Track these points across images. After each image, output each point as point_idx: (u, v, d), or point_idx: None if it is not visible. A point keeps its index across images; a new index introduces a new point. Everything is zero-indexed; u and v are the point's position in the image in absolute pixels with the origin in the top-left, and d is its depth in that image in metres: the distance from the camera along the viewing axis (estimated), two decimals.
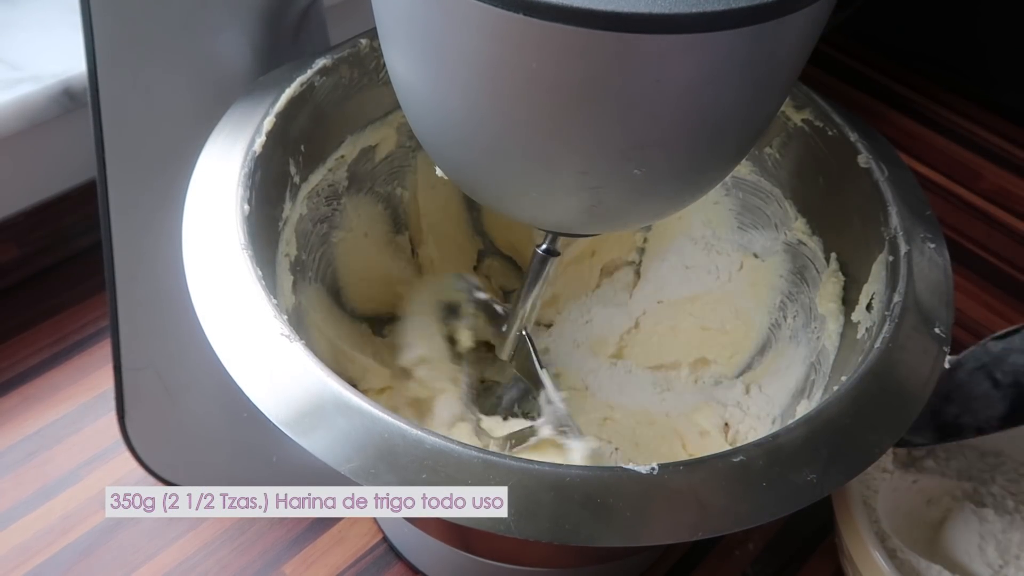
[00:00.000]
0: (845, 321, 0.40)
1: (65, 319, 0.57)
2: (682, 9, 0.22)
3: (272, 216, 0.39)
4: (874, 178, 0.38)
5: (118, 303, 0.43)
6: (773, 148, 0.44)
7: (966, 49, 0.77)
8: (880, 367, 0.32)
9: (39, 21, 0.54)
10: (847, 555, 0.43)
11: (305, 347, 0.30)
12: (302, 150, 0.40)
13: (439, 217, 0.51)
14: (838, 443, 0.30)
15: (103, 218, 0.42)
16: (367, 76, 0.42)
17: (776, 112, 0.33)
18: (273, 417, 0.29)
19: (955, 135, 0.77)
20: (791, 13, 0.24)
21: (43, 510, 0.48)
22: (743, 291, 0.48)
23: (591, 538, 0.27)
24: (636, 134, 0.26)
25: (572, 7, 0.22)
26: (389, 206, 0.49)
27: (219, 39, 0.39)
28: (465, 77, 0.26)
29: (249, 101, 0.38)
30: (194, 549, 0.47)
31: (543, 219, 0.33)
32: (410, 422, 0.28)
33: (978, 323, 0.62)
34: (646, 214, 0.33)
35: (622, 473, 0.28)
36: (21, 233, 0.61)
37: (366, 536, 0.48)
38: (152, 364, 0.45)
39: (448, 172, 0.33)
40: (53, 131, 0.52)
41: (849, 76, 0.82)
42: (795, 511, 0.28)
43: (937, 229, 0.37)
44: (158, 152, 0.41)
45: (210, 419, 0.47)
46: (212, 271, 0.32)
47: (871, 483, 0.45)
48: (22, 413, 0.53)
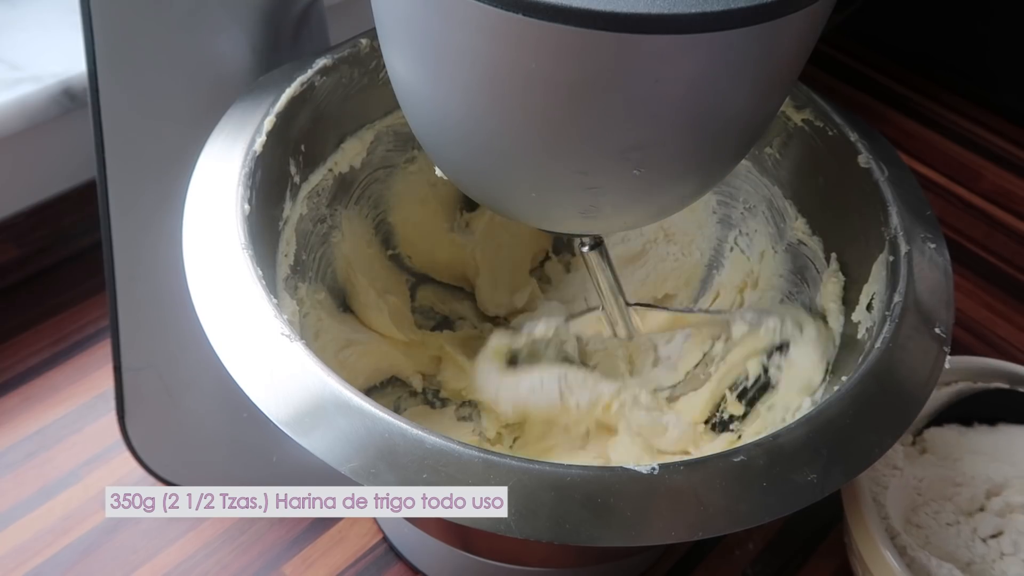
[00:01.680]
0: (845, 321, 0.40)
1: (65, 319, 0.57)
2: (682, 9, 0.22)
3: (272, 216, 0.39)
4: (874, 178, 0.38)
5: (118, 303, 0.43)
6: (773, 148, 0.44)
7: (966, 49, 0.77)
8: (880, 367, 0.32)
9: (39, 21, 0.54)
10: (856, 553, 0.43)
11: (305, 347, 0.30)
12: (302, 150, 0.40)
13: (366, 264, 0.49)
14: (838, 443, 0.30)
15: (103, 218, 0.42)
16: (367, 76, 0.42)
17: (776, 112, 0.33)
18: (273, 417, 0.29)
19: (955, 135, 0.77)
20: (791, 13, 0.24)
21: (43, 510, 0.48)
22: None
23: (591, 538, 0.27)
24: (635, 134, 0.26)
25: (571, 7, 0.22)
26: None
27: (219, 39, 0.39)
28: (464, 77, 0.26)
29: (249, 101, 0.38)
30: (194, 549, 0.47)
31: (542, 219, 0.33)
32: (410, 422, 0.28)
33: (978, 323, 0.62)
34: (645, 214, 0.33)
35: (622, 473, 0.28)
36: (21, 233, 0.61)
37: (366, 536, 0.48)
38: (152, 364, 0.45)
39: (447, 172, 0.33)
40: (53, 131, 0.52)
41: (849, 76, 0.82)
42: (795, 511, 0.28)
43: (937, 229, 0.37)
44: (158, 152, 0.41)
45: (210, 419, 0.47)
46: (212, 271, 0.32)
47: (881, 479, 0.45)
48: (22, 413, 0.53)
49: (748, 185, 0.46)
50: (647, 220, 0.40)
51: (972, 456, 0.47)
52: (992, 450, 0.47)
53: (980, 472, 0.47)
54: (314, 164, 0.42)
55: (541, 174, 0.29)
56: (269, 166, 0.37)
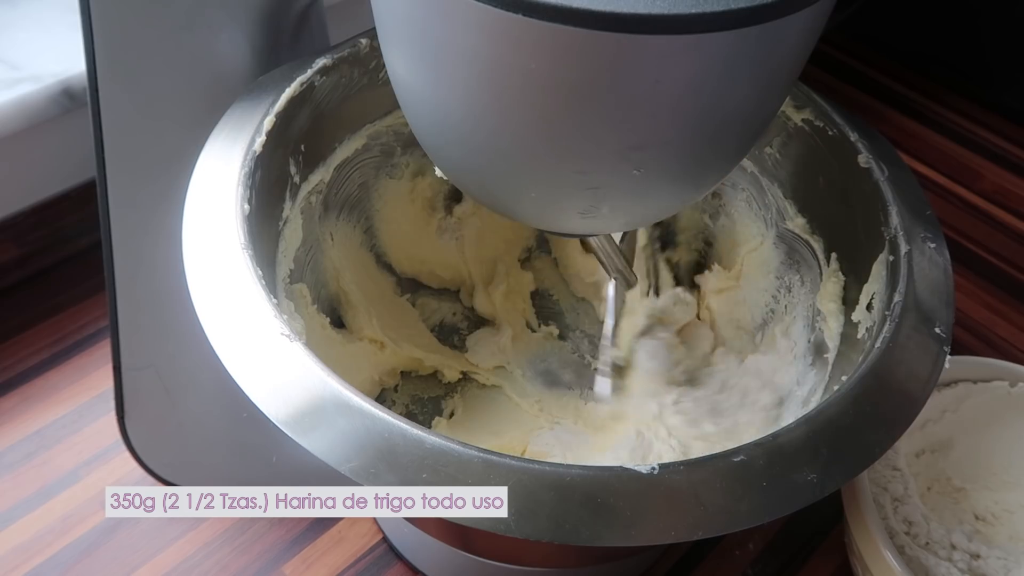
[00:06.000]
0: (845, 321, 0.40)
1: (65, 319, 0.57)
2: (682, 9, 0.22)
3: (272, 216, 0.39)
4: (874, 178, 0.38)
5: (118, 303, 0.43)
6: (773, 148, 0.44)
7: (966, 49, 0.77)
8: (880, 367, 0.32)
9: (39, 21, 0.54)
10: (856, 552, 0.43)
11: (305, 347, 0.30)
12: (302, 150, 0.40)
13: (359, 277, 0.49)
14: (838, 443, 0.30)
15: (103, 218, 0.42)
16: (367, 76, 0.42)
17: (776, 112, 0.33)
18: (273, 417, 0.29)
19: (955, 135, 0.77)
20: (791, 13, 0.24)
21: (43, 510, 0.48)
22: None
23: (591, 538, 0.27)
24: (635, 135, 0.26)
25: (571, 8, 0.22)
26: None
27: (218, 39, 0.39)
28: (464, 78, 0.26)
29: (249, 101, 0.38)
30: (194, 549, 0.47)
31: (542, 220, 0.33)
32: (410, 422, 0.28)
33: (978, 323, 0.62)
34: (646, 214, 0.33)
35: (622, 473, 0.28)
36: (21, 233, 0.61)
37: (366, 536, 0.48)
38: (152, 364, 0.45)
39: (447, 172, 0.33)
40: (53, 131, 0.52)
41: (849, 76, 0.82)
42: (795, 511, 0.28)
43: (937, 229, 0.37)
44: (158, 152, 0.41)
45: (210, 419, 0.47)
46: (212, 271, 0.32)
47: (881, 480, 0.45)
48: (22, 413, 0.53)
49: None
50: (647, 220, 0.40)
51: (972, 456, 0.47)
52: (992, 450, 0.47)
53: (980, 472, 0.47)
54: (314, 164, 0.42)
55: (541, 174, 0.29)
56: (269, 166, 0.37)
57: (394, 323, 0.49)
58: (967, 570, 0.42)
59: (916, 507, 0.44)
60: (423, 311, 0.52)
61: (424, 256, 0.52)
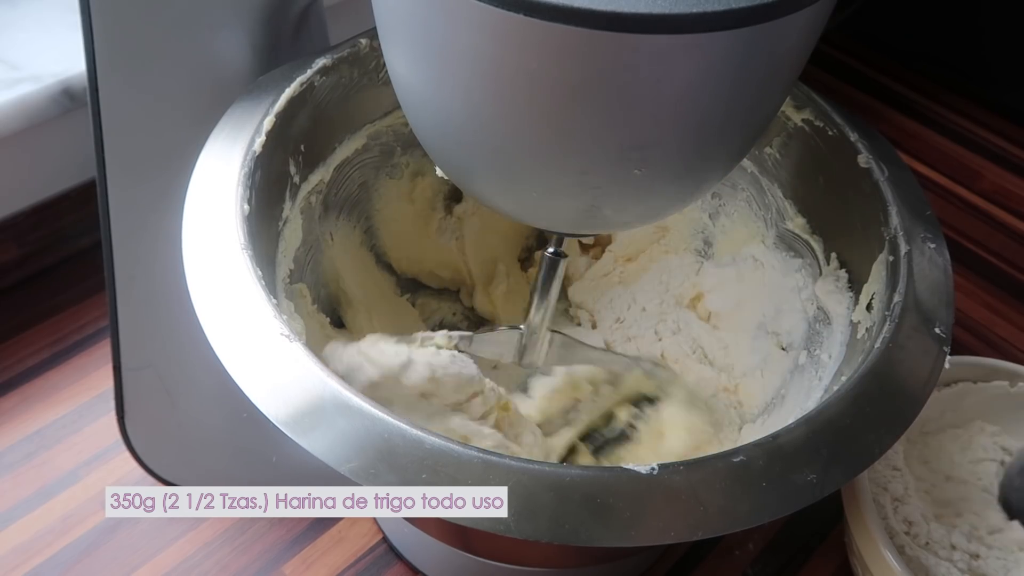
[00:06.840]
0: (845, 321, 0.40)
1: (65, 319, 0.57)
2: (682, 9, 0.22)
3: (272, 216, 0.39)
4: (874, 178, 0.38)
5: (118, 303, 0.43)
6: (773, 148, 0.44)
7: (966, 49, 0.77)
8: (880, 367, 0.32)
9: (39, 21, 0.54)
10: (856, 552, 0.43)
11: (305, 347, 0.30)
12: (302, 150, 0.40)
13: (359, 277, 0.49)
14: (838, 443, 0.30)
15: (103, 218, 0.42)
16: (367, 76, 0.42)
17: (776, 112, 0.33)
18: (273, 417, 0.28)
19: (955, 135, 0.77)
20: (791, 13, 0.24)
21: (43, 510, 0.48)
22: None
23: (591, 538, 0.27)
24: (636, 134, 0.26)
25: (572, 7, 0.22)
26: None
27: (219, 39, 0.39)
28: (465, 77, 0.26)
29: (249, 101, 0.38)
30: (194, 549, 0.47)
31: (543, 219, 0.33)
32: (410, 422, 0.28)
33: (978, 323, 0.62)
34: (646, 214, 0.33)
35: (622, 473, 0.28)
36: (21, 233, 0.61)
37: (366, 536, 0.48)
38: (152, 364, 0.45)
39: (448, 172, 0.33)
40: (53, 131, 0.52)
41: (849, 76, 0.82)
42: (795, 511, 0.28)
43: (937, 229, 0.37)
44: (158, 152, 0.41)
45: (210, 419, 0.47)
46: (212, 271, 0.32)
47: (881, 480, 0.45)
48: (22, 413, 0.53)
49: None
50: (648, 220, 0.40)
51: (972, 455, 0.47)
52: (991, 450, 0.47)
53: (980, 472, 0.47)
54: (314, 164, 0.42)
55: (542, 174, 0.29)
56: (269, 166, 0.37)
57: (394, 323, 0.49)
58: (967, 570, 0.42)
59: (916, 507, 0.44)
60: (423, 311, 0.52)
61: (424, 256, 0.52)
